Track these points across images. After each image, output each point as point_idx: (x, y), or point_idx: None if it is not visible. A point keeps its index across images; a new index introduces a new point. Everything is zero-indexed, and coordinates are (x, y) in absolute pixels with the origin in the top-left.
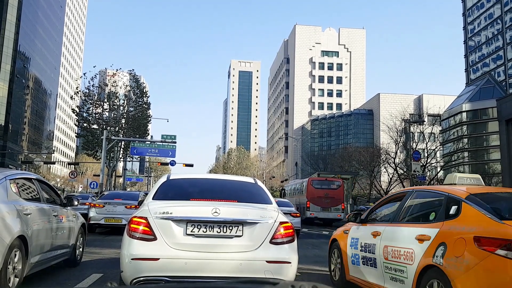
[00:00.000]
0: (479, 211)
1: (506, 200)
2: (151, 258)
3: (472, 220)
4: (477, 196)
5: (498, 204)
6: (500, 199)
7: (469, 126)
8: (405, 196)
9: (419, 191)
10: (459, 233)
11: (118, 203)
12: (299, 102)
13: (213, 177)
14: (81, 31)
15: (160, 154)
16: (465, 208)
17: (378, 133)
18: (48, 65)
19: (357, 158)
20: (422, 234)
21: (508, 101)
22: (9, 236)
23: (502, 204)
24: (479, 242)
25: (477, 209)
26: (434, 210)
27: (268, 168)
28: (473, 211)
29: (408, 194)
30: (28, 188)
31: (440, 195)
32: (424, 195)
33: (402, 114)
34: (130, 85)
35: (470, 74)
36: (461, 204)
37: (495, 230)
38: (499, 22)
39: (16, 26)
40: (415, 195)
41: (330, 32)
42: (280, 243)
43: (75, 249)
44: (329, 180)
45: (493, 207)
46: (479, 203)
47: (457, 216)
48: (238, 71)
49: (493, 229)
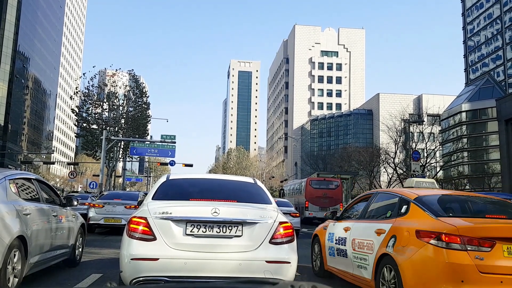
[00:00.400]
0: (422, 210)
1: (444, 201)
2: (150, 258)
3: (416, 217)
4: (423, 198)
5: (437, 204)
6: (440, 200)
7: (468, 126)
8: (371, 197)
9: (381, 193)
10: (406, 228)
11: (117, 203)
12: (298, 102)
13: (213, 177)
14: (81, 31)
15: (159, 154)
16: (412, 208)
17: (378, 133)
18: (47, 65)
19: (356, 158)
20: (380, 229)
21: (508, 101)
22: (8, 236)
23: (440, 204)
24: (419, 234)
25: (421, 208)
26: (390, 209)
27: (268, 168)
28: (417, 210)
29: (373, 195)
30: (27, 188)
31: (396, 197)
32: (384, 196)
33: (401, 114)
34: (130, 85)
35: (469, 74)
36: (409, 204)
37: (430, 225)
38: (499, 22)
39: (15, 26)
40: (378, 196)
41: (329, 32)
42: (280, 243)
43: (74, 249)
44: (327, 180)
45: (433, 207)
46: (423, 203)
47: (406, 214)
48: (238, 71)
49: (429, 224)
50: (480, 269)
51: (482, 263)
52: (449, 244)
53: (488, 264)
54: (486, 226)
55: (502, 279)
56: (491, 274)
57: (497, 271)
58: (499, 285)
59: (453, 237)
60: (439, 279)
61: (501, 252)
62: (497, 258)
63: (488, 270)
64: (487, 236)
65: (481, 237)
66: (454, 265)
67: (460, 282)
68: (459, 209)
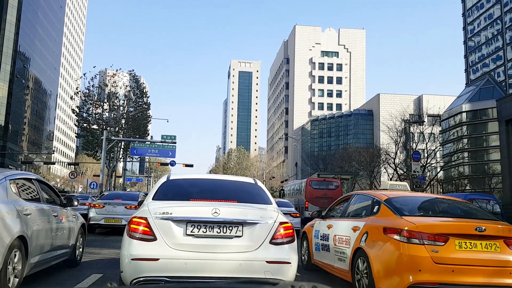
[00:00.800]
0: (390, 209)
1: (409, 202)
2: (151, 259)
3: (385, 216)
4: (391, 200)
5: (403, 205)
6: (406, 202)
7: (469, 126)
8: (350, 198)
9: (359, 194)
10: (376, 225)
11: (118, 204)
12: (299, 102)
13: (213, 178)
14: (81, 31)
15: (160, 155)
16: (382, 208)
17: (378, 133)
18: (48, 66)
19: (357, 159)
20: (356, 226)
21: (508, 102)
22: (9, 236)
23: (405, 205)
24: (385, 231)
25: (389, 208)
26: (365, 209)
27: (268, 168)
28: (386, 210)
29: (352, 196)
30: (28, 188)
31: (370, 198)
32: (361, 198)
33: (402, 115)
34: (130, 85)
35: (470, 74)
36: (380, 205)
37: (395, 223)
38: (499, 22)
39: (16, 26)
40: (356, 198)
41: (330, 33)
42: (280, 243)
43: (75, 250)
44: (327, 180)
45: (399, 207)
46: (391, 204)
47: (377, 213)
48: (238, 72)
49: (394, 222)
50: (435, 260)
51: (436, 255)
52: (409, 239)
53: (442, 256)
54: (441, 224)
55: (453, 269)
56: (444, 264)
57: (449, 262)
58: (451, 274)
59: (413, 233)
60: (401, 269)
61: (453, 246)
62: (450, 251)
63: (441, 261)
64: (442, 233)
65: (437, 233)
66: (413, 256)
67: (418, 271)
68: (421, 209)
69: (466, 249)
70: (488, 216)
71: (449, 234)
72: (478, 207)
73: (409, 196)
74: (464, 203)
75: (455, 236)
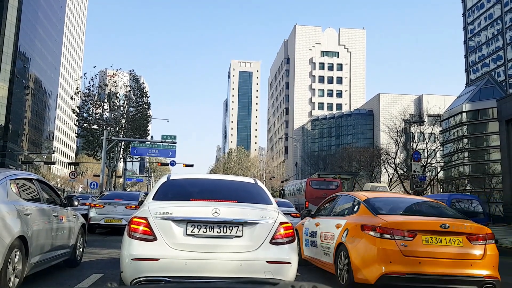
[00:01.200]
0: (367, 209)
1: (385, 202)
2: (151, 259)
3: (363, 214)
4: (369, 200)
5: (379, 204)
6: (382, 202)
7: (469, 126)
8: (336, 199)
9: (343, 195)
10: (355, 222)
11: (118, 204)
12: (299, 102)
13: (213, 178)
14: (81, 31)
15: (160, 155)
16: (361, 207)
17: (378, 133)
18: (48, 65)
19: (357, 159)
20: (338, 223)
21: (508, 102)
22: (9, 236)
23: (381, 204)
24: (362, 227)
25: (366, 208)
26: (347, 208)
27: (268, 168)
28: (364, 209)
29: (337, 197)
30: (28, 188)
31: (352, 199)
32: (345, 198)
33: (402, 115)
34: (130, 85)
35: (470, 74)
36: (360, 205)
37: (371, 220)
38: (499, 22)
39: (16, 26)
40: (340, 198)
41: (330, 33)
42: (280, 243)
43: (75, 250)
44: (327, 180)
45: (375, 206)
46: (369, 204)
47: (357, 212)
48: (238, 71)
49: (370, 220)
50: (404, 253)
51: (405, 249)
52: (382, 234)
53: (410, 249)
54: (410, 221)
55: (420, 261)
56: (412, 257)
57: (417, 255)
58: (418, 265)
59: (385, 229)
60: (374, 261)
61: (421, 241)
62: (417, 245)
63: (409, 254)
64: (410, 229)
65: (406, 230)
66: (385, 250)
67: (389, 263)
68: (395, 208)
69: (432, 243)
70: (456, 215)
71: (417, 230)
72: (453, 207)
73: (386, 197)
74: (436, 203)
75: (422, 232)
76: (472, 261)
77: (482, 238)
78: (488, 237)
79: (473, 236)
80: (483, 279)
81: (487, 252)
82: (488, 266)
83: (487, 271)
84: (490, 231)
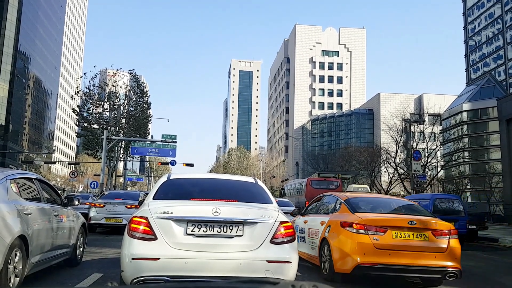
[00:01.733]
0: (347, 207)
1: (363, 201)
2: (151, 258)
3: (343, 212)
4: (349, 200)
5: (357, 204)
6: (360, 201)
7: (469, 125)
8: (322, 198)
9: (327, 195)
10: (336, 220)
11: (118, 203)
12: (299, 101)
13: (214, 177)
14: (82, 31)
15: (160, 154)
16: (342, 206)
17: (379, 132)
18: (48, 65)
19: (357, 158)
20: (323, 220)
21: (509, 101)
22: (9, 235)
23: (359, 204)
24: (342, 224)
25: (346, 207)
26: (331, 207)
27: (269, 167)
28: (344, 208)
29: (323, 197)
30: (28, 188)
31: (335, 198)
32: (329, 198)
33: (402, 114)
34: (131, 84)
35: (470, 73)
36: (341, 204)
37: (349, 218)
38: (500, 21)
39: (16, 26)
40: (325, 198)
41: (330, 32)
42: (281, 242)
43: (75, 249)
44: (327, 180)
45: (354, 205)
46: (348, 203)
47: (338, 210)
48: (239, 71)
49: (348, 217)
50: (375, 246)
51: (377, 242)
52: (357, 230)
53: (381, 243)
54: (382, 219)
55: (390, 253)
56: (383, 249)
57: (387, 248)
58: (388, 256)
59: (360, 225)
60: (351, 253)
61: (391, 236)
62: (388, 239)
63: (381, 247)
64: (382, 225)
65: (378, 226)
66: (359, 243)
67: (363, 254)
68: (371, 207)
69: (401, 238)
70: (425, 213)
71: (388, 226)
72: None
73: (365, 197)
74: (409, 203)
75: (392, 228)
76: (436, 253)
77: (447, 234)
78: (451, 233)
79: (438, 231)
80: (446, 269)
81: (450, 246)
82: (451, 258)
83: (450, 262)
84: (454, 227)
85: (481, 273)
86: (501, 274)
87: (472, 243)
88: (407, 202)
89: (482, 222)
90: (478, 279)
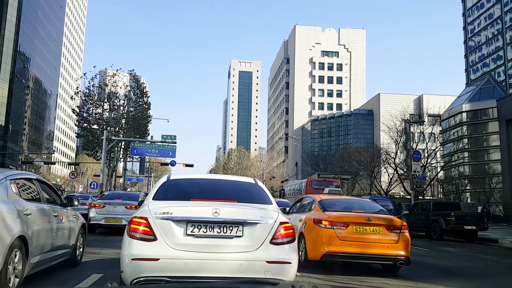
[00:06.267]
0: (319, 207)
1: (333, 202)
2: (151, 259)
3: (316, 211)
4: (322, 201)
5: (327, 204)
6: (331, 202)
7: (469, 126)
8: (302, 199)
9: (306, 197)
10: (310, 217)
11: (118, 204)
12: (299, 102)
13: (213, 177)
14: (81, 31)
15: (160, 155)
16: (315, 206)
17: (378, 133)
18: (48, 65)
19: (357, 158)
20: (301, 218)
21: (508, 101)
22: (9, 236)
23: (328, 204)
24: (314, 220)
25: (319, 206)
26: (308, 206)
27: (268, 168)
28: (317, 207)
29: (303, 198)
30: (28, 188)
31: (312, 199)
32: (308, 199)
33: (402, 114)
34: (130, 85)
35: (470, 74)
36: (315, 204)
37: (320, 216)
38: (499, 22)
39: (16, 26)
40: (305, 199)
41: (330, 32)
42: (281, 243)
43: (75, 249)
44: (327, 180)
45: (324, 205)
46: (321, 203)
47: (313, 209)
48: (238, 71)
49: (320, 215)
50: (339, 238)
51: (340, 235)
52: (325, 225)
53: (344, 235)
54: (345, 216)
55: (350, 243)
56: (345, 240)
57: (348, 239)
58: (349, 246)
59: (328, 221)
60: (320, 244)
61: (352, 230)
62: (349, 232)
63: (343, 238)
64: (344, 221)
65: (341, 222)
66: (327, 236)
67: (329, 245)
68: (339, 207)
69: (360, 232)
70: (382, 212)
71: (349, 222)
72: (380, 205)
73: (335, 198)
74: (370, 202)
75: (352, 223)
76: (389, 244)
77: (398, 228)
78: (402, 228)
79: (390, 226)
80: (397, 257)
81: (401, 238)
82: (401, 248)
83: (400, 252)
84: (405, 223)
85: (481, 274)
86: (501, 275)
87: (472, 243)
88: (369, 202)
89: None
90: (478, 279)
